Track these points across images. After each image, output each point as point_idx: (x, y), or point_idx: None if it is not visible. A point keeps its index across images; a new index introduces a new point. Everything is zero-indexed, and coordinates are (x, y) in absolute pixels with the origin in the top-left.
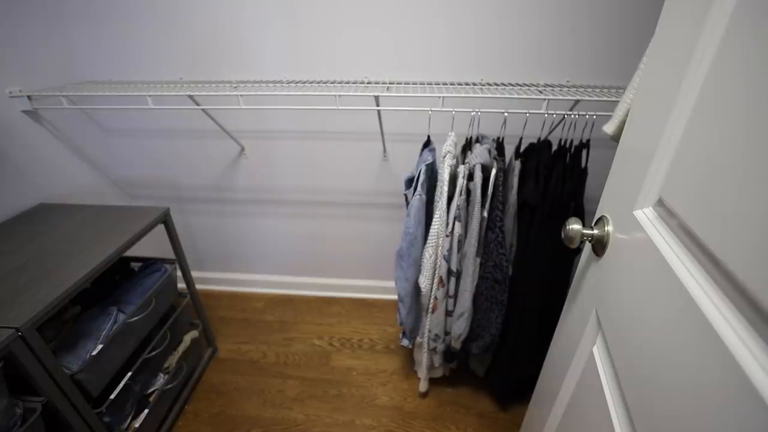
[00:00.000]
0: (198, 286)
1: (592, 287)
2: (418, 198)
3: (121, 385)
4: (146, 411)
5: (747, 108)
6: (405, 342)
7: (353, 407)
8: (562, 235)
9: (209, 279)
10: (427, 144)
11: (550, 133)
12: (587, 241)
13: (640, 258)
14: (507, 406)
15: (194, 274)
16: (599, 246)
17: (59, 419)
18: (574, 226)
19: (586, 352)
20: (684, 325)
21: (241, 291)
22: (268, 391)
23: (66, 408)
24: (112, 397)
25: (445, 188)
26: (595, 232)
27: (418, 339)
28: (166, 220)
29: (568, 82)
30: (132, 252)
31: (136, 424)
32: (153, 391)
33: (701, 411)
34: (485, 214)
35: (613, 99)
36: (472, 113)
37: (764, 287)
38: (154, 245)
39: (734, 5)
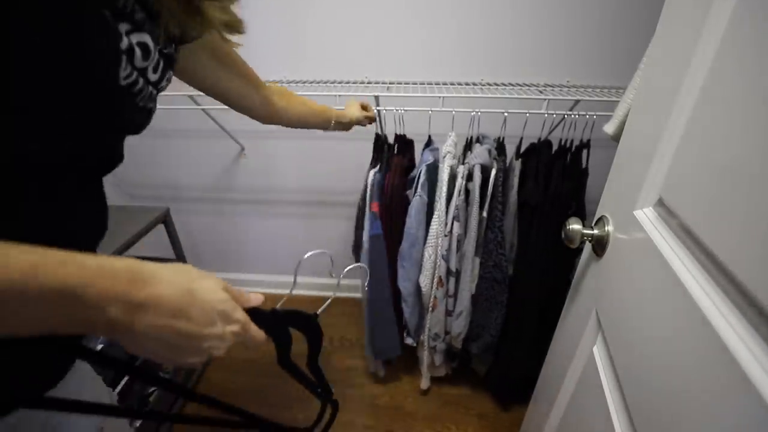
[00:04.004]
0: None
1: (592, 287)
2: (418, 199)
3: (121, 385)
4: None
5: (747, 108)
6: (409, 340)
7: (353, 407)
8: (562, 235)
9: None
10: (428, 144)
11: (550, 133)
12: (587, 241)
13: (641, 258)
14: (507, 406)
15: None
16: (599, 246)
17: None
18: (574, 226)
19: (586, 352)
20: (684, 325)
21: None
22: (268, 391)
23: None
24: None
25: (444, 188)
26: (595, 232)
27: (420, 337)
28: (166, 219)
29: (568, 82)
30: (132, 252)
31: (136, 424)
32: (153, 392)
33: (701, 411)
34: (484, 214)
35: (613, 99)
36: (472, 113)
37: (764, 287)
38: (154, 245)
39: (734, 5)
